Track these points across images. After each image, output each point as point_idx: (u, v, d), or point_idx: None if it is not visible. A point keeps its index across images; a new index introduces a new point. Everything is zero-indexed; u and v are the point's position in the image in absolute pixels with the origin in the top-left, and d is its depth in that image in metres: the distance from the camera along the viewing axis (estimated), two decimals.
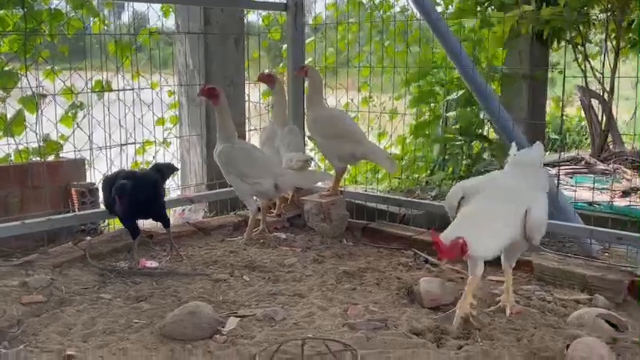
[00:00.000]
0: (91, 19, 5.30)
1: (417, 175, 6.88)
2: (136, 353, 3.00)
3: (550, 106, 9.48)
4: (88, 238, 4.56)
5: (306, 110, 5.25)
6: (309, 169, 4.83)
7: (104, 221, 4.86)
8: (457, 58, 4.97)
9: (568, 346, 2.88)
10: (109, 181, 4.17)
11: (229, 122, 4.59)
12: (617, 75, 7.53)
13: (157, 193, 4.35)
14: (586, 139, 9.73)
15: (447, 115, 6.91)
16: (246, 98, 5.63)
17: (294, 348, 2.87)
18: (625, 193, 5.85)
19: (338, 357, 2.14)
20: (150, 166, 4.78)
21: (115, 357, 2.97)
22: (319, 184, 5.36)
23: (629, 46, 8.06)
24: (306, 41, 6.42)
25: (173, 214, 5.25)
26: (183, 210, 5.29)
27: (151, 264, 4.18)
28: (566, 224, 4.26)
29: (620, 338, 3.16)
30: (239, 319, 3.36)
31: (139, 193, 4.06)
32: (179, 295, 3.72)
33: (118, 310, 3.49)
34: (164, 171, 4.53)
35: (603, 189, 6.08)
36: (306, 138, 5.53)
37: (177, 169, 4.83)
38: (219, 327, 3.25)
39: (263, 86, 6.00)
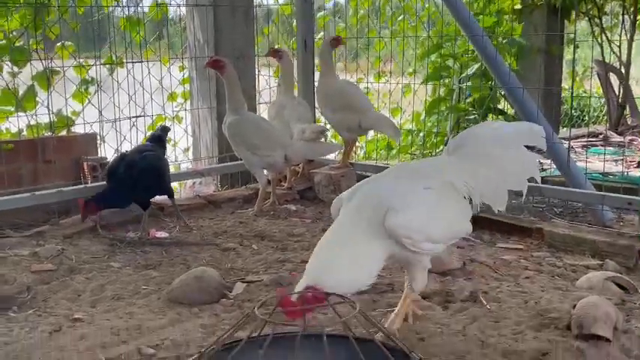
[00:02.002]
0: None
1: (429, 151, 6.83)
2: (142, 316, 3.02)
3: (566, 81, 9.36)
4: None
5: (316, 82, 5.24)
6: (321, 140, 4.81)
7: None
8: (467, 27, 4.91)
9: (575, 306, 2.85)
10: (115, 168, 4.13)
11: (238, 94, 4.58)
12: (633, 47, 7.43)
13: (162, 174, 4.27)
14: (603, 115, 9.61)
15: (461, 85, 6.83)
16: (257, 72, 5.60)
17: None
18: (639, 164, 5.78)
19: (337, 309, 2.12)
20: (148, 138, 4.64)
21: (121, 320, 2.99)
22: (330, 156, 5.35)
23: None
24: (317, 16, 6.40)
25: (184, 188, 5.27)
26: (194, 183, 5.30)
27: (161, 234, 4.20)
28: (578, 191, 4.21)
29: (629, 300, 3.13)
30: (246, 284, 3.37)
31: (144, 179, 4.03)
32: (188, 263, 3.74)
33: (126, 278, 3.51)
34: (162, 138, 4.48)
35: (617, 160, 6.00)
36: (316, 110, 5.51)
37: (169, 128, 4.77)
38: (226, 292, 3.26)
39: (274, 61, 5.99)
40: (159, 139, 4.38)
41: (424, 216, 2.58)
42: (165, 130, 4.53)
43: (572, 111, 9.73)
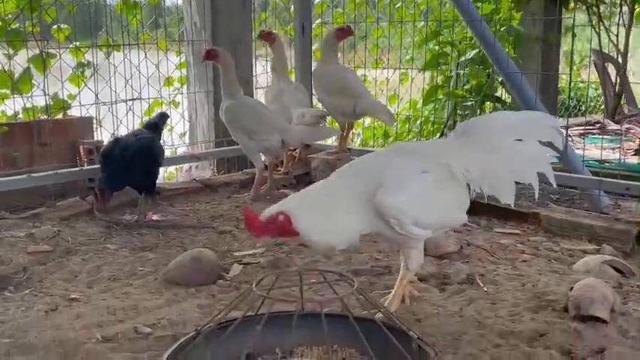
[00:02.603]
0: None
1: (426, 139, 6.83)
2: (139, 297, 3.02)
3: (564, 70, 9.36)
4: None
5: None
6: (320, 125, 4.79)
7: None
8: (466, 13, 4.90)
9: (572, 288, 2.86)
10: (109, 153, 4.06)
11: (233, 79, 4.57)
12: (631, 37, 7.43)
13: (156, 157, 4.20)
14: (600, 105, 9.61)
15: (458, 72, 6.82)
16: (254, 57, 5.58)
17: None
18: (637, 152, 5.78)
19: (334, 286, 2.12)
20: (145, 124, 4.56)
21: (118, 300, 2.98)
22: (328, 142, 5.34)
23: None
24: (315, 2, 6.38)
25: (180, 172, 5.25)
26: (190, 167, 5.29)
27: (157, 217, 4.19)
28: (575, 176, 4.22)
29: (625, 283, 3.14)
30: (243, 266, 3.37)
31: (138, 161, 3.97)
32: (184, 245, 3.73)
33: (123, 260, 3.51)
34: (159, 125, 4.42)
35: (614, 148, 6.01)
36: (314, 95, 5.50)
37: (169, 115, 4.73)
38: (223, 273, 3.26)
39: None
40: (155, 126, 4.33)
41: (416, 200, 2.57)
42: (163, 117, 4.48)
43: (570, 101, 9.73)
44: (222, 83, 4.57)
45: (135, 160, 3.73)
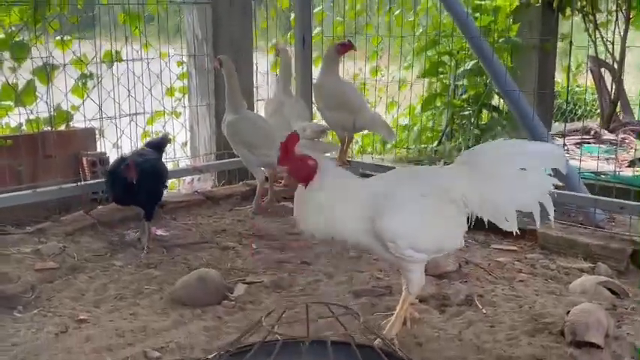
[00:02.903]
0: None
1: (424, 146, 6.90)
2: (146, 318, 3.09)
3: (561, 77, 9.44)
4: (100, 206, 4.64)
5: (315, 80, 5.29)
6: (320, 139, 4.86)
7: None
8: (464, 27, 4.97)
9: (568, 312, 2.94)
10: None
11: (237, 90, 4.63)
12: (627, 44, 7.50)
13: (162, 180, 4.21)
14: (596, 109, 9.68)
15: (457, 84, 6.90)
16: (255, 67, 5.64)
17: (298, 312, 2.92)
18: (632, 163, 5.87)
19: (340, 320, 2.20)
20: (145, 143, 4.56)
21: (126, 321, 3.05)
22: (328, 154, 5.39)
23: None
24: (315, 10, 6.43)
25: (183, 184, 5.32)
26: (192, 179, 5.35)
27: (162, 232, 4.25)
28: (572, 193, 4.29)
29: (619, 305, 3.22)
30: (247, 285, 3.44)
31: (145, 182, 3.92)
32: (189, 262, 3.80)
33: (128, 277, 3.58)
34: (161, 146, 4.44)
35: (610, 158, 6.10)
36: (314, 108, 5.56)
37: (170, 140, 4.77)
38: (228, 293, 3.33)
39: (272, 56, 6.05)
40: (158, 146, 4.36)
41: (413, 223, 2.67)
42: (165, 140, 4.52)
43: (566, 105, 9.80)
44: (227, 95, 4.63)
45: (141, 181, 3.79)
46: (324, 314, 2.93)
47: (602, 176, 5.40)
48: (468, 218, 2.85)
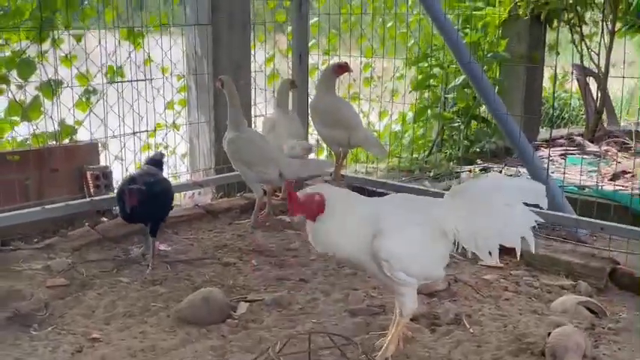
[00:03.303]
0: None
1: (416, 155, 7.11)
2: (155, 336, 3.29)
3: (547, 83, 9.66)
4: (104, 219, 4.83)
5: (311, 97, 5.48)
6: (310, 156, 5.07)
7: None
8: (456, 51, 5.16)
9: (549, 333, 3.16)
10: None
11: (239, 111, 4.81)
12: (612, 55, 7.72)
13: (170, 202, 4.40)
14: (582, 114, 9.91)
15: (447, 96, 7.12)
16: (253, 82, 5.82)
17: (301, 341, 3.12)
18: (614, 176, 6.08)
19: (342, 350, 2.41)
20: (146, 160, 4.66)
21: (136, 340, 3.25)
22: None
23: (624, 28, 8.23)
24: (311, 22, 6.61)
25: (183, 197, 5.50)
26: (193, 193, 5.54)
27: (164, 247, 4.44)
28: (554, 213, 4.50)
29: (598, 324, 3.45)
30: (249, 303, 3.65)
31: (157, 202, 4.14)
32: (192, 278, 4.00)
33: (135, 294, 3.77)
34: (161, 162, 4.57)
35: (592, 171, 6.32)
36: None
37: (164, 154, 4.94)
38: (231, 312, 3.53)
39: (268, 70, 6.24)
40: (159, 162, 4.53)
41: (409, 248, 2.90)
42: (162, 155, 4.68)
43: (552, 110, 10.02)
44: (229, 113, 4.81)
45: (151, 202, 3.97)
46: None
47: (586, 190, 5.62)
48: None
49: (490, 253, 2.99)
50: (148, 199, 3.93)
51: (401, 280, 2.93)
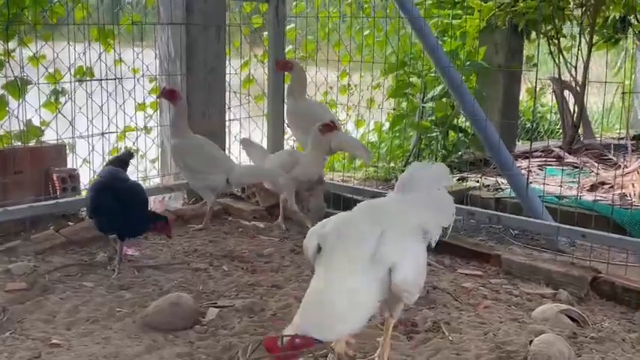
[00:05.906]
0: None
1: (393, 165, 7.02)
2: (119, 342, 3.12)
3: (524, 96, 9.67)
4: (70, 223, 4.65)
5: (285, 101, 5.34)
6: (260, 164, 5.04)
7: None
8: (434, 55, 5.09)
9: (531, 342, 3.05)
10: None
11: (184, 121, 4.75)
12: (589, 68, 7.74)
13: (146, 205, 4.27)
14: (559, 128, 9.92)
15: (424, 105, 7.05)
16: (227, 87, 5.70)
17: None
18: (593, 187, 6.05)
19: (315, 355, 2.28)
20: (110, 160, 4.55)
21: (99, 346, 3.08)
22: None
23: (602, 41, 8.27)
24: (287, 27, 6.51)
25: (153, 202, 5.33)
26: (164, 198, 5.38)
27: (132, 252, 4.28)
28: (534, 221, 4.44)
29: (580, 333, 3.35)
30: (219, 309, 3.49)
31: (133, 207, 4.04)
32: (160, 284, 3.83)
33: (100, 299, 3.59)
34: (127, 161, 4.43)
35: (572, 182, 6.28)
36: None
37: (133, 155, 4.78)
38: (200, 317, 3.37)
39: (243, 75, 6.12)
40: (125, 162, 4.35)
41: (416, 270, 2.67)
42: (130, 155, 4.53)
43: (529, 124, 10.04)
44: (172, 123, 4.76)
45: (129, 211, 3.88)
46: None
47: (565, 200, 5.57)
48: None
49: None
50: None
51: (415, 299, 2.73)
